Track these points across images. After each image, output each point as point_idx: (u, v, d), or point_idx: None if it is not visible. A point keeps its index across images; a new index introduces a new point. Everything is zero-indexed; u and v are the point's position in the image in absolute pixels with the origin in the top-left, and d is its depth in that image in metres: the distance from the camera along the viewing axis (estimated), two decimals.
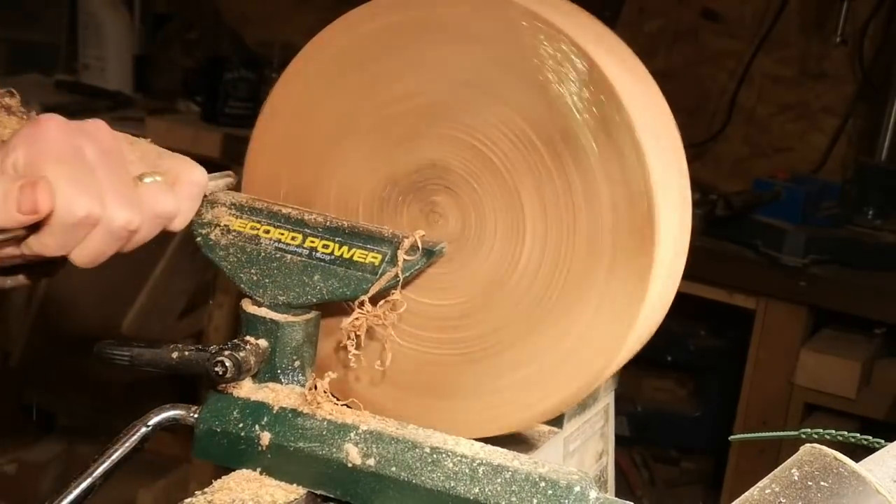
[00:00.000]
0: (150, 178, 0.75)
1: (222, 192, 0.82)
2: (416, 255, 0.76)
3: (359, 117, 0.81)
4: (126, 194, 0.73)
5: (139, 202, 0.74)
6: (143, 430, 0.76)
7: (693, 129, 2.73)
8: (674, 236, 0.78)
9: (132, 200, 0.73)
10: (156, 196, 0.75)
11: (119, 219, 0.72)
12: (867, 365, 2.18)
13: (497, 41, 0.75)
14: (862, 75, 2.68)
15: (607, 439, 1.04)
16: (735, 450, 2.27)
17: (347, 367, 0.81)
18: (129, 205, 0.73)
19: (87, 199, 0.71)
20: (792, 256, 2.20)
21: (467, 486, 0.66)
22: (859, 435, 0.68)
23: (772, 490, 0.54)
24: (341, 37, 0.81)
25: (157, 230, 0.77)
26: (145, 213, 0.74)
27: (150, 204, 0.74)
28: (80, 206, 0.71)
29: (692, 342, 2.71)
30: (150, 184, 0.75)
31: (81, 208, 0.71)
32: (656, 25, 2.91)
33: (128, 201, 0.73)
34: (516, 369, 0.78)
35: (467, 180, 0.78)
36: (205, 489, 0.71)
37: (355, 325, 0.76)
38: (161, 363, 0.76)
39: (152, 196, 0.75)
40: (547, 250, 0.76)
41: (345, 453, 0.70)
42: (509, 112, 0.76)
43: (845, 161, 2.73)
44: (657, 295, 0.76)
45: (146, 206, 0.74)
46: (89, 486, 0.74)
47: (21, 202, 0.69)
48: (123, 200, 0.72)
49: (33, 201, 0.69)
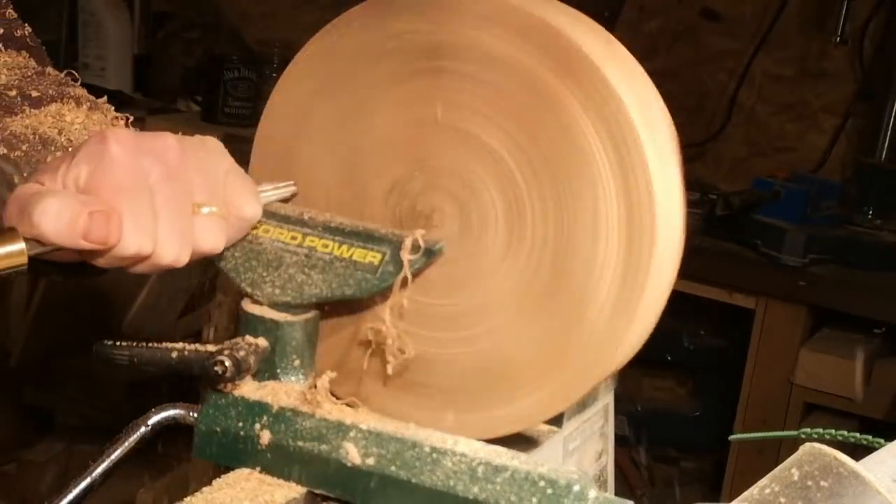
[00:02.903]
0: (207, 208, 0.73)
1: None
2: (417, 255, 0.76)
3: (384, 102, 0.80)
4: (180, 229, 0.72)
5: (191, 235, 0.72)
6: (143, 429, 0.76)
7: (693, 128, 2.73)
8: (671, 234, 0.78)
9: (184, 236, 0.72)
10: (207, 231, 0.73)
11: (167, 257, 0.72)
12: (867, 365, 2.19)
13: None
14: (862, 75, 2.68)
15: (607, 439, 1.04)
16: (735, 449, 2.27)
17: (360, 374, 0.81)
18: (180, 243, 0.72)
19: (140, 238, 0.70)
20: (792, 256, 2.20)
21: (467, 486, 0.66)
22: (859, 434, 0.68)
23: (771, 490, 0.54)
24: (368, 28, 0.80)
25: (198, 258, 0.76)
26: (194, 245, 0.73)
27: (200, 239, 0.73)
28: (132, 244, 0.70)
29: (692, 342, 2.71)
30: (206, 214, 0.73)
31: (133, 246, 0.70)
32: (656, 25, 2.91)
33: (180, 237, 0.72)
34: (515, 369, 0.78)
35: (459, 181, 0.78)
36: (204, 489, 0.71)
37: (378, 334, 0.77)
38: (161, 363, 0.76)
39: (204, 230, 0.73)
40: (545, 254, 0.76)
41: (344, 452, 0.70)
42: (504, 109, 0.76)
43: (845, 161, 2.73)
44: (656, 289, 0.76)
45: (197, 239, 0.73)
46: (89, 486, 0.74)
47: (90, 231, 0.68)
48: (176, 236, 0.71)
49: (105, 234, 0.68)
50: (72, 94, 0.87)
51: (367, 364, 0.82)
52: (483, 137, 0.77)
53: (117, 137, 0.71)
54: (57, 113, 0.84)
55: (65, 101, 0.86)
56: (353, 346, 0.84)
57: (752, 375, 2.25)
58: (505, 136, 0.76)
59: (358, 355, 0.83)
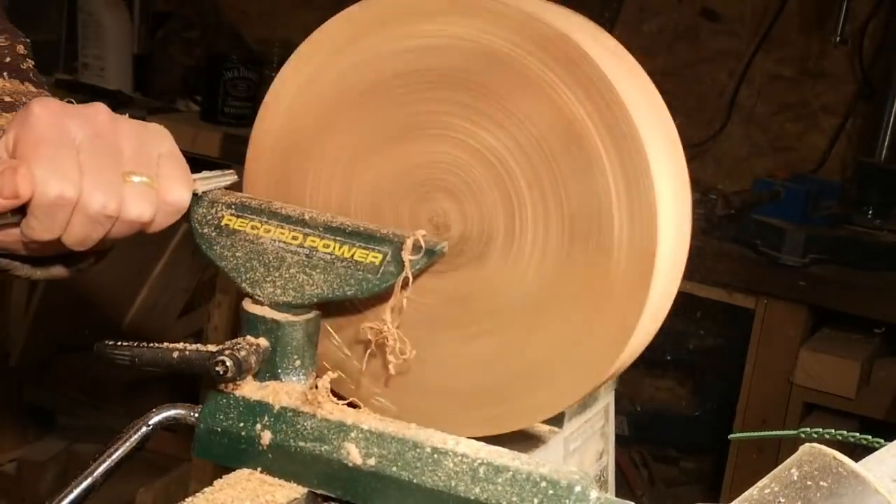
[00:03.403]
0: (137, 177, 0.75)
1: (222, 192, 0.82)
2: (418, 255, 0.76)
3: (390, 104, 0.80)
4: (105, 180, 0.73)
5: (118, 191, 0.73)
6: (143, 429, 0.76)
7: (693, 128, 2.73)
8: (674, 257, 0.78)
9: (111, 187, 0.73)
10: (136, 199, 0.75)
11: (95, 203, 0.73)
12: (866, 364, 2.19)
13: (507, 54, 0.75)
14: (861, 75, 2.68)
15: (607, 439, 1.04)
16: (734, 449, 2.27)
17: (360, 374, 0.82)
18: (106, 190, 0.73)
19: (59, 181, 0.71)
20: (791, 256, 2.20)
21: (468, 486, 0.66)
22: (859, 434, 0.68)
23: (771, 489, 0.54)
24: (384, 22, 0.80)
25: (131, 231, 0.77)
26: (122, 205, 0.74)
27: (128, 203, 0.74)
28: (52, 187, 0.71)
29: (692, 342, 2.71)
30: (136, 183, 0.74)
31: (53, 189, 0.71)
32: (656, 25, 2.90)
33: (105, 187, 0.73)
34: (514, 370, 0.78)
35: (471, 188, 0.78)
36: (205, 489, 0.71)
37: (379, 336, 0.77)
38: (162, 363, 0.76)
39: (132, 197, 0.74)
40: (544, 269, 0.76)
41: (345, 453, 0.70)
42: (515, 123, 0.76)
43: (845, 161, 2.73)
44: (658, 299, 0.76)
45: (125, 201, 0.74)
46: (90, 486, 0.74)
47: (2, 187, 0.70)
48: (100, 185, 0.73)
49: (14, 186, 0.71)
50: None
51: (365, 364, 0.82)
52: (486, 140, 0.77)
53: (42, 101, 0.74)
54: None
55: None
56: (355, 344, 0.84)
57: (751, 375, 2.25)
58: (507, 138, 0.76)
59: (359, 354, 0.83)
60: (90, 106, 0.75)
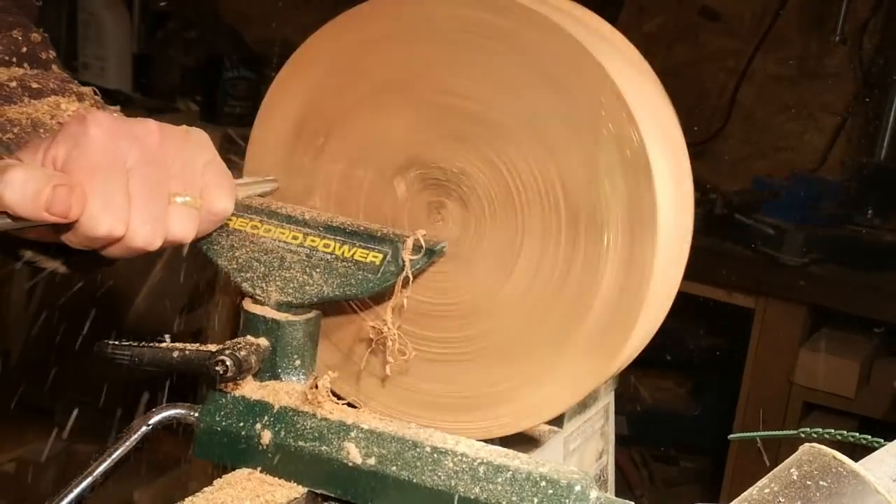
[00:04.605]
0: (181, 198, 0.74)
1: None
2: (418, 255, 0.76)
3: (406, 89, 0.80)
4: (153, 214, 0.72)
5: (164, 221, 0.73)
6: (143, 429, 0.76)
7: (692, 128, 2.73)
8: (673, 272, 0.78)
9: (157, 221, 0.73)
10: (180, 221, 0.74)
11: (139, 239, 0.73)
12: (866, 364, 2.19)
13: (572, 101, 0.74)
14: (861, 74, 2.68)
15: (607, 438, 1.04)
16: (734, 449, 2.27)
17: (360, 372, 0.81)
18: (152, 226, 0.72)
19: (111, 219, 0.71)
20: (791, 256, 2.20)
21: (468, 486, 0.66)
22: (858, 434, 0.68)
23: (771, 489, 0.54)
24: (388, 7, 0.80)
25: (169, 245, 0.77)
26: (167, 232, 0.74)
27: (173, 227, 0.74)
28: (103, 224, 0.71)
29: (691, 341, 2.72)
30: (181, 204, 0.74)
31: (103, 226, 0.71)
32: (656, 24, 2.91)
33: (152, 222, 0.72)
34: (512, 372, 0.78)
35: (483, 204, 0.78)
36: (205, 488, 0.71)
37: (380, 334, 0.77)
38: (162, 363, 0.76)
39: (177, 219, 0.74)
40: (527, 298, 0.76)
41: (345, 452, 0.70)
42: (552, 169, 0.75)
43: (845, 160, 2.73)
44: (654, 307, 0.76)
45: (169, 226, 0.74)
46: (90, 485, 0.74)
47: (52, 203, 0.69)
48: (148, 220, 0.72)
49: (66, 206, 0.69)
50: (75, 91, 0.88)
51: (365, 363, 0.82)
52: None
53: (97, 120, 0.72)
54: (55, 103, 0.85)
55: (66, 95, 0.86)
56: (355, 344, 0.84)
57: (751, 375, 2.25)
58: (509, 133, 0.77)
59: (359, 354, 0.83)
60: (140, 123, 0.74)
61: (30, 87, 0.85)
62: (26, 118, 0.82)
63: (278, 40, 2.87)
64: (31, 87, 0.85)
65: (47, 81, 0.87)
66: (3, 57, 0.90)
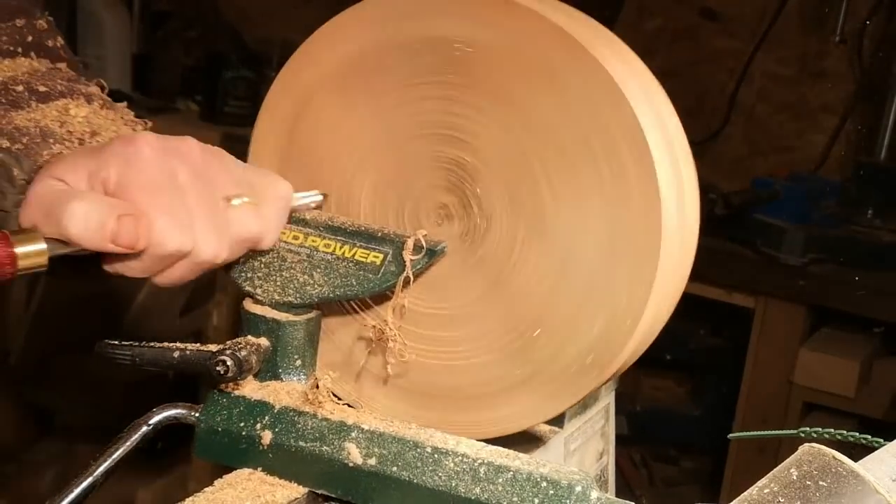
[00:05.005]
0: (238, 199, 0.73)
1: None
2: (419, 255, 0.76)
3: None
4: (216, 224, 0.71)
5: (227, 229, 0.72)
6: (144, 429, 0.76)
7: (692, 128, 2.72)
8: (678, 259, 0.78)
9: (221, 230, 0.72)
10: (243, 220, 0.73)
11: (207, 252, 0.71)
12: (866, 364, 2.19)
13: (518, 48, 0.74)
14: (861, 74, 2.68)
15: (608, 439, 1.04)
16: (734, 449, 2.27)
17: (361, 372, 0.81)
18: (217, 237, 0.71)
19: (179, 234, 0.70)
20: (791, 255, 2.20)
21: (468, 486, 0.66)
22: (858, 434, 0.68)
23: (770, 489, 0.54)
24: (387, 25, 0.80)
25: (243, 252, 0.76)
26: (233, 237, 0.73)
27: (238, 229, 0.73)
28: (171, 240, 0.69)
29: (691, 341, 2.72)
30: (238, 206, 0.73)
31: (173, 243, 0.70)
32: (655, 24, 2.91)
33: (217, 232, 0.71)
34: (511, 372, 0.78)
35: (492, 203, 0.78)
36: (206, 489, 0.71)
37: (381, 334, 0.77)
38: (162, 362, 0.76)
39: (240, 220, 0.73)
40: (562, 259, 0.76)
41: (346, 453, 0.70)
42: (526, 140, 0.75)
43: (845, 160, 2.73)
44: (655, 313, 0.76)
45: (234, 230, 0.73)
46: (90, 485, 0.74)
47: (119, 235, 0.68)
48: (213, 232, 0.71)
49: (133, 237, 0.68)
50: (82, 91, 0.86)
51: (365, 363, 0.82)
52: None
53: (146, 139, 0.71)
54: (63, 108, 0.83)
55: (74, 97, 0.85)
56: (355, 345, 0.84)
57: (751, 375, 2.25)
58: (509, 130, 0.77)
59: (359, 354, 0.83)
60: (183, 140, 0.74)
61: (37, 90, 0.84)
62: (34, 126, 0.80)
63: (278, 40, 2.88)
64: (38, 90, 0.84)
65: (54, 83, 0.85)
66: (8, 47, 0.88)
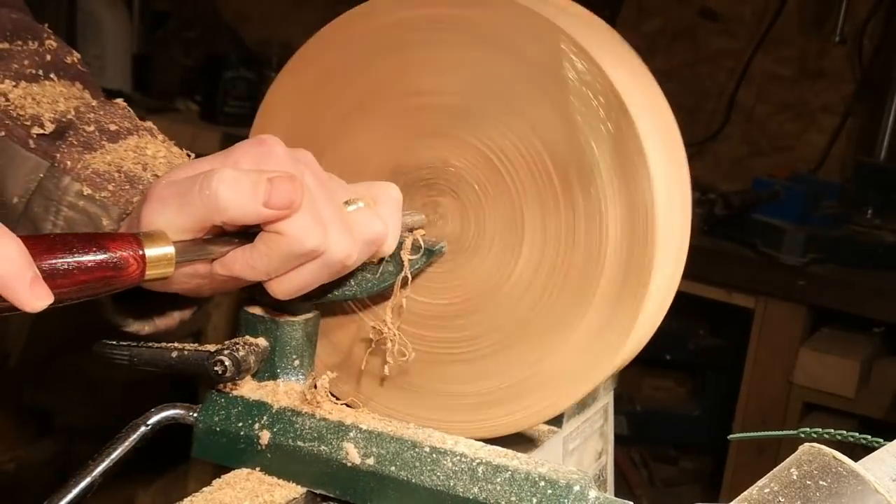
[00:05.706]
0: (353, 205, 0.72)
1: None
2: (417, 255, 0.76)
3: (380, 101, 0.80)
4: (345, 225, 0.69)
5: (352, 232, 0.70)
6: (143, 429, 0.76)
7: (692, 128, 2.73)
8: (674, 256, 0.78)
9: (349, 232, 0.70)
10: (366, 222, 0.71)
11: (339, 252, 0.69)
12: (866, 364, 2.19)
13: (533, 60, 0.74)
14: (861, 74, 2.68)
15: (606, 438, 1.04)
16: (734, 449, 2.27)
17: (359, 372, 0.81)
18: (348, 237, 0.69)
19: (319, 231, 0.67)
20: (791, 256, 2.20)
21: (467, 486, 0.66)
22: (858, 434, 0.68)
23: (770, 489, 0.54)
24: (365, 21, 0.80)
25: (367, 256, 0.73)
26: (357, 241, 0.71)
27: (360, 230, 0.71)
28: (311, 237, 0.67)
29: (691, 341, 2.72)
30: (354, 211, 0.71)
31: (312, 240, 0.67)
32: (655, 25, 2.91)
33: (347, 233, 0.69)
34: (509, 372, 0.78)
35: (475, 189, 0.78)
36: (204, 489, 0.71)
37: (380, 334, 0.77)
38: (161, 362, 0.76)
39: (363, 222, 0.71)
40: (542, 268, 0.76)
41: (344, 452, 0.70)
42: (530, 133, 0.75)
43: (844, 160, 2.73)
44: (653, 308, 0.76)
45: (357, 233, 0.70)
46: (89, 485, 0.74)
47: (273, 195, 0.64)
48: (343, 232, 0.69)
49: (289, 195, 0.64)
50: (144, 126, 0.83)
51: (366, 363, 0.82)
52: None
53: (276, 140, 0.70)
54: (136, 147, 0.80)
55: (140, 133, 0.82)
56: (354, 345, 0.84)
57: (751, 375, 2.25)
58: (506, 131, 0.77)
59: (358, 355, 0.83)
60: (299, 150, 0.72)
61: (108, 129, 0.80)
62: (116, 170, 0.77)
63: (278, 40, 2.89)
64: (109, 129, 0.80)
65: (122, 121, 0.82)
66: (30, 71, 0.84)
